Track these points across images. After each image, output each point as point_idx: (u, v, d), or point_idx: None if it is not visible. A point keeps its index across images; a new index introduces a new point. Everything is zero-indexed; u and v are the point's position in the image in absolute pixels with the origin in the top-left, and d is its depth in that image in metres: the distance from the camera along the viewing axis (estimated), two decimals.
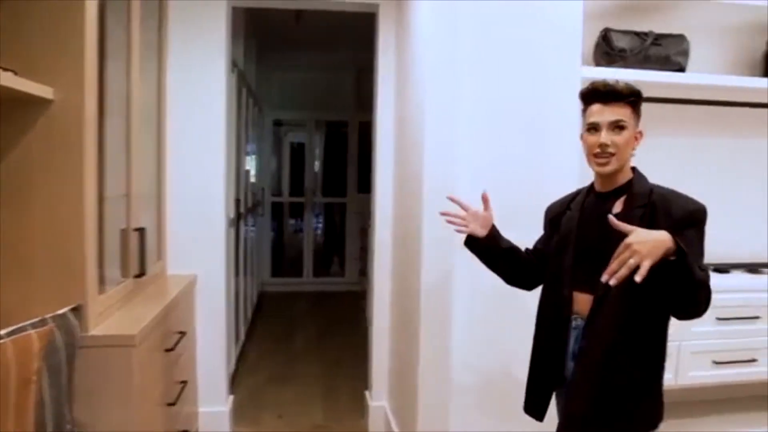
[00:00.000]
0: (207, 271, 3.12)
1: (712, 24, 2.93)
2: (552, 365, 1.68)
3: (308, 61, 6.65)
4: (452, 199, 1.79)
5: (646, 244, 1.28)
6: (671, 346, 2.43)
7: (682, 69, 2.68)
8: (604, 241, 1.45)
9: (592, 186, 1.70)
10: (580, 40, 2.31)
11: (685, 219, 1.50)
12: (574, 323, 1.63)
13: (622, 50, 2.59)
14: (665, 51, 2.64)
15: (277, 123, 7.50)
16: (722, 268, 3.02)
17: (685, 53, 2.68)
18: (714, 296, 2.04)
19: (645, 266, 1.26)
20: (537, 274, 1.81)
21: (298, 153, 7.52)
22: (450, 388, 2.33)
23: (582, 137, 1.64)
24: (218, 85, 3.12)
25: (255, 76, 5.76)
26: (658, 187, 1.60)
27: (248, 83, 4.91)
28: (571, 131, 2.04)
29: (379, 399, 3.44)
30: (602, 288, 1.45)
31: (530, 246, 1.89)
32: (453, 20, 2.29)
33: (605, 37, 2.62)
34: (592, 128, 1.57)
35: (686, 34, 2.71)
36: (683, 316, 1.53)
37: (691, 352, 2.67)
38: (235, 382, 3.88)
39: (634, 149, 1.59)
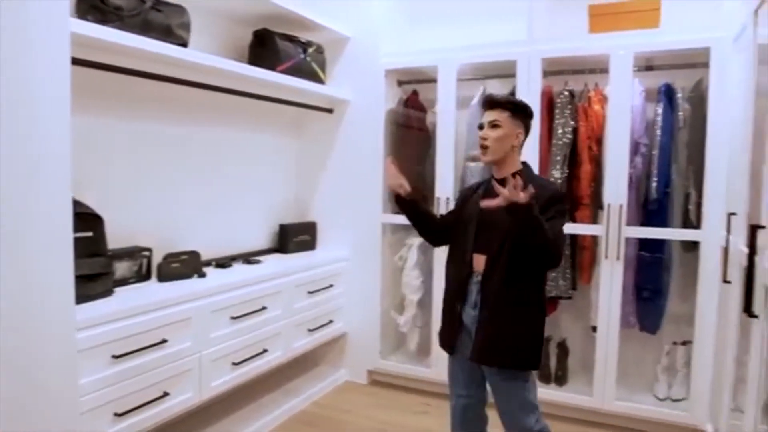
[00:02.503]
0: None
1: (206, 5, 2.71)
2: (458, 311, 2.07)
3: None
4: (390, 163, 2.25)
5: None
6: (191, 360, 2.18)
7: (185, 44, 2.35)
8: (496, 217, 1.88)
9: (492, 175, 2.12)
10: None
11: (551, 198, 1.93)
12: (475, 279, 2.03)
13: (119, 8, 2.07)
14: (167, 20, 2.26)
15: None
16: (224, 263, 2.90)
17: (187, 27, 2.37)
18: (223, 295, 2.49)
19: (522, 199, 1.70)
20: (443, 236, 2.25)
21: None
22: None
23: None
24: None
25: None
26: (536, 177, 2.12)
27: None
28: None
29: None
30: (494, 250, 1.96)
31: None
32: None
33: None
34: (480, 128, 2.05)
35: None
36: (543, 265, 1.98)
37: (211, 360, 2.43)
38: None
39: (515, 146, 2.03)
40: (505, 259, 1.94)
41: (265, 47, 2.99)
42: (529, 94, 3.01)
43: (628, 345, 3.07)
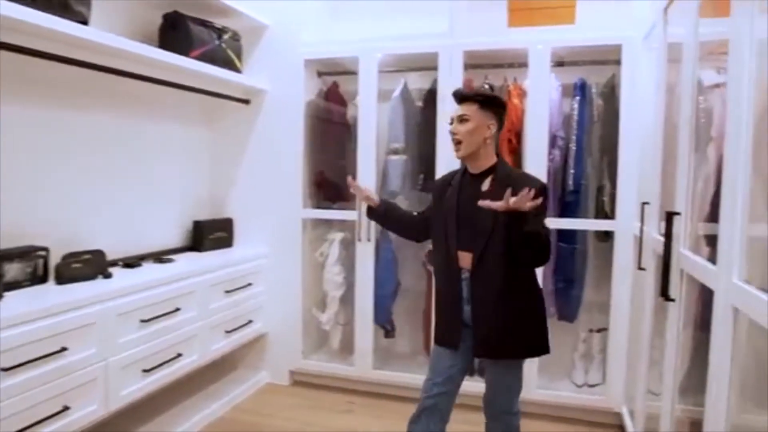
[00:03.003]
0: None
1: None
2: (453, 308, 2.05)
3: None
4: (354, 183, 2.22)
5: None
6: (96, 369, 2.06)
7: (84, 22, 2.14)
8: (477, 213, 1.89)
9: (465, 167, 2.10)
10: None
11: (537, 194, 1.78)
12: (463, 275, 2.01)
13: None
14: None
15: None
16: (132, 263, 2.68)
17: (87, 3, 2.16)
18: (131, 297, 2.31)
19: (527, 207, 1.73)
20: (424, 232, 2.23)
21: None
22: None
23: None
24: None
25: None
26: (514, 169, 2.12)
27: None
28: None
29: None
30: (480, 248, 1.95)
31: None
32: None
33: None
34: (450, 123, 2.04)
35: None
36: (531, 264, 1.99)
37: (119, 367, 2.23)
38: None
39: (488, 138, 1.99)
40: (492, 255, 1.93)
41: (177, 31, 2.79)
42: (451, 87, 2.99)
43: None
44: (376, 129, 3.21)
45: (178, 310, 2.57)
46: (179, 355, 2.59)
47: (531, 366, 2.97)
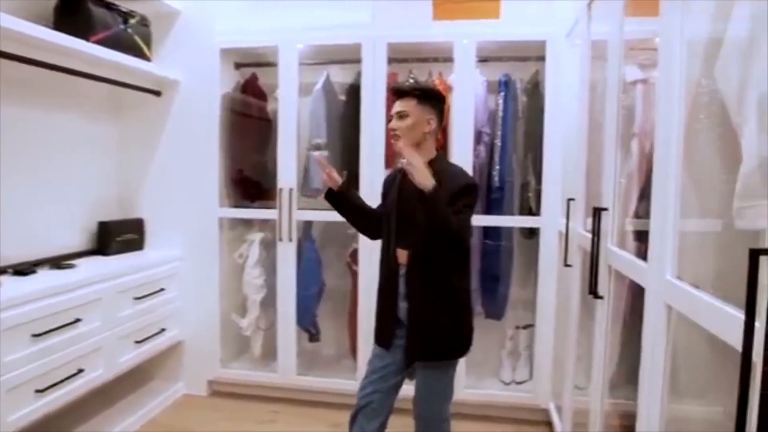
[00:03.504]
0: None
1: None
2: (389, 305, 2.03)
3: None
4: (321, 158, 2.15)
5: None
6: None
7: None
8: (412, 207, 1.86)
9: None
10: None
11: (462, 189, 1.89)
12: (401, 272, 1.99)
13: None
14: None
15: None
16: (24, 270, 2.40)
17: None
18: (20, 309, 2.06)
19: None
20: (379, 229, 2.12)
21: None
22: None
23: None
24: None
25: None
26: (451, 165, 2.09)
27: None
28: None
29: None
30: (413, 245, 1.94)
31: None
32: None
33: None
34: (390, 119, 1.98)
35: None
36: (451, 255, 1.95)
37: (6, 390, 1.98)
38: None
39: (428, 132, 1.96)
40: (426, 252, 1.92)
41: (75, 12, 2.53)
42: (375, 80, 2.91)
43: (474, 333, 3.10)
44: (297, 123, 3.06)
45: (78, 321, 2.32)
46: (80, 370, 2.34)
47: (459, 366, 2.91)
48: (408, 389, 2.09)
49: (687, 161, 1.28)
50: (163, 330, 2.94)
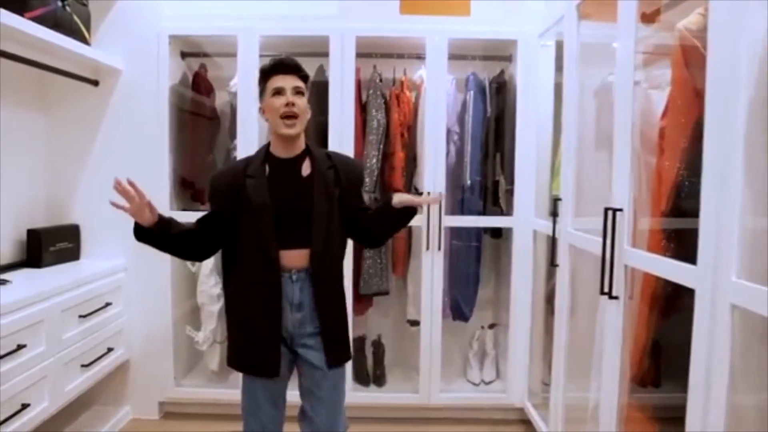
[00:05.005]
0: None
1: None
2: (271, 320, 1.75)
3: None
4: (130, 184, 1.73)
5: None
6: None
7: None
8: (301, 202, 1.76)
9: (266, 153, 1.83)
10: None
11: (360, 177, 1.95)
12: (293, 277, 1.76)
13: None
14: None
15: None
16: None
17: None
18: None
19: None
20: (212, 245, 1.87)
21: None
22: None
23: (264, 107, 1.79)
24: None
25: None
26: (330, 151, 2.00)
27: None
28: None
29: None
30: (320, 243, 1.76)
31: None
32: None
33: None
34: (277, 93, 1.74)
35: None
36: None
37: None
38: None
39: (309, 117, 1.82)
40: (333, 252, 1.83)
41: None
42: (344, 75, 2.76)
43: (443, 336, 3.05)
44: (258, 122, 2.84)
45: (20, 348, 1.98)
46: (25, 405, 2.01)
47: (432, 370, 2.84)
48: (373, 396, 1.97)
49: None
50: (110, 350, 2.61)
